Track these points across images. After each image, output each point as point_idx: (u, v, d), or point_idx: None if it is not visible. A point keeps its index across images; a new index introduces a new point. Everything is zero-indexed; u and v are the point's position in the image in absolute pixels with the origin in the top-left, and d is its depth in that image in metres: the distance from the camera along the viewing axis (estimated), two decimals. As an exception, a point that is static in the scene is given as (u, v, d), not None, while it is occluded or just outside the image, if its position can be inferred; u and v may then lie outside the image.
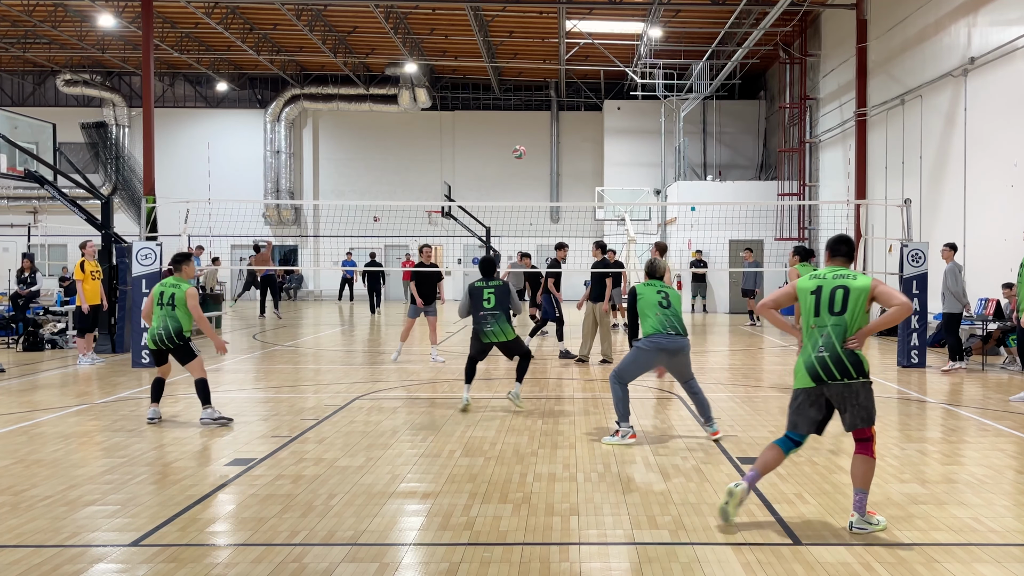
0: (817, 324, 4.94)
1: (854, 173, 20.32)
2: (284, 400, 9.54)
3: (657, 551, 4.58)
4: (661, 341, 7.05)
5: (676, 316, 7.16)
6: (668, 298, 7.20)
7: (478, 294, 8.83)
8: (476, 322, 8.83)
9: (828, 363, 4.82)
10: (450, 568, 4.30)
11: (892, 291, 4.94)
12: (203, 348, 10.43)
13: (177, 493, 5.64)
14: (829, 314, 4.90)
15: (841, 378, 4.80)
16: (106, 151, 18.03)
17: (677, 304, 7.25)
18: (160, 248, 12.52)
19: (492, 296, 8.79)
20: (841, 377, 4.80)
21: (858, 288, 4.90)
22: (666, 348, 7.05)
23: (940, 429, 7.82)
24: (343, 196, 32.92)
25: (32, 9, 24.35)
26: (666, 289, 7.27)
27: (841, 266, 5.14)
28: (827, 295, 4.93)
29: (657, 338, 7.06)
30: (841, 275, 5.00)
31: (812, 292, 5.00)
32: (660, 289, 7.25)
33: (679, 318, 7.18)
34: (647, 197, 29.40)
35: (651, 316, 7.12)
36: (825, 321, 4.90)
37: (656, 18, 22.78)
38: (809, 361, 4.90)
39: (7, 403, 9.28)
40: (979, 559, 4.45)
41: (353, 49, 29.13)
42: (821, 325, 4.92)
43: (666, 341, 7.05)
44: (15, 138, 13.69)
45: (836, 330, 4.86)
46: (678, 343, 7.08)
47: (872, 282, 4.94)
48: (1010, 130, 13.63)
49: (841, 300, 4.89)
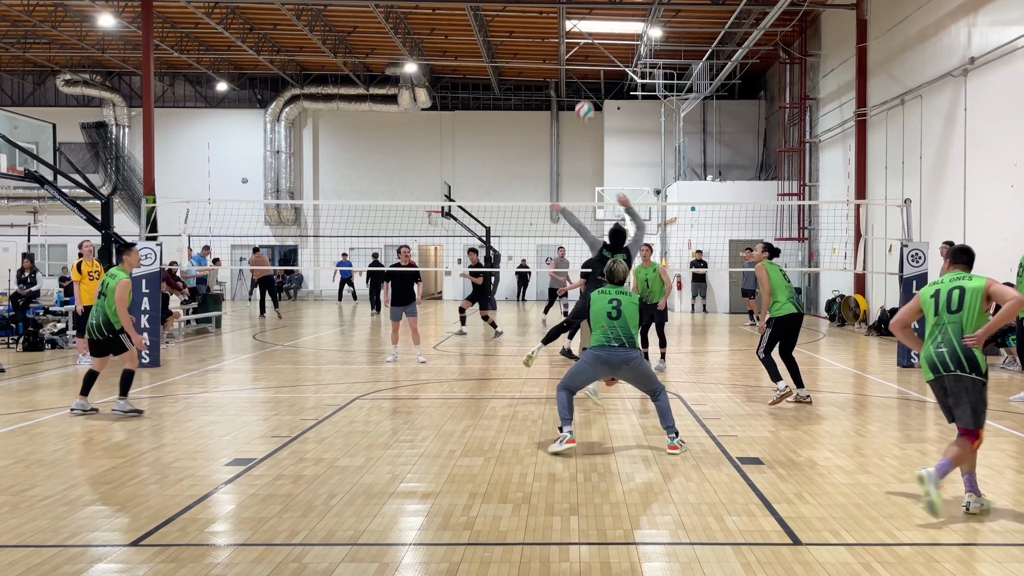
0: (937, 323, 5.38)
1: (854, 173, 20.32)
2: (284, 400, 9.54)
3: (657, 551, 4.58)
4: (601, 354, 6.76)
5: (624, 328, 6.77)
6: (620, 307, 6.81)
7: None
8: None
9: (945, 357, 5.25)
10: (450, 568, 4.30)
11: (1005, 288, 5.32)
12: (204, 348, 10.42)
13: (177, 493, 5.64)
14: (947, 312, 5.34)
15: (955, 369, 5.20)
16: (106, 151, 18.05)
17: (630, 313, 6.83)
18: (160, 248, 12.52)
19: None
20: (955, 369, 5.20)
21: (973, 288, 5.32)
22: (607, 361, 6.76)
23: (940, 429, 7.82)
24: (343, 196, 32.93)
25: (32, 9, 24.35)
26: (620, 296, 6.87)
27: (961, 271, 5.56)
28: (945, 296, 5.40)
29: (598, 351, 6.78)
30: (958, 277, 5.46)
31: (931, 296, 5.48)
32: (613, 298, 6.87)
33: (627, 329, 6.79)
34: (647, 197, 29.40)
35: (596, 328, 6.84)
36: (944, 319, 5.34)
37: (656, 18, 22.78)
38: (929, 355, 5.35)
39: (7, 403, 9.28)
40: (979, 559, 4.45)
41: (353, 49, 29.13)
42: (940, 323, 5.36)
43: (607, 354, 6.74)
44: (15, 138, 13.68)
45: (954, 327, 5.28)
46: (620, 356, 6.73)
47: (987, 281, 5.34)
48: (1010, 130, 13.63)
49: (958, 299, 5.33)
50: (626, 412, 8.71)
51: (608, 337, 6.77)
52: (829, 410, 8.86)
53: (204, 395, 9.86)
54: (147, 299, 12.26)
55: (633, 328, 6.85)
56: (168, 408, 8.99)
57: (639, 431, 7.71)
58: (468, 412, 8.66)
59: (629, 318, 6.82)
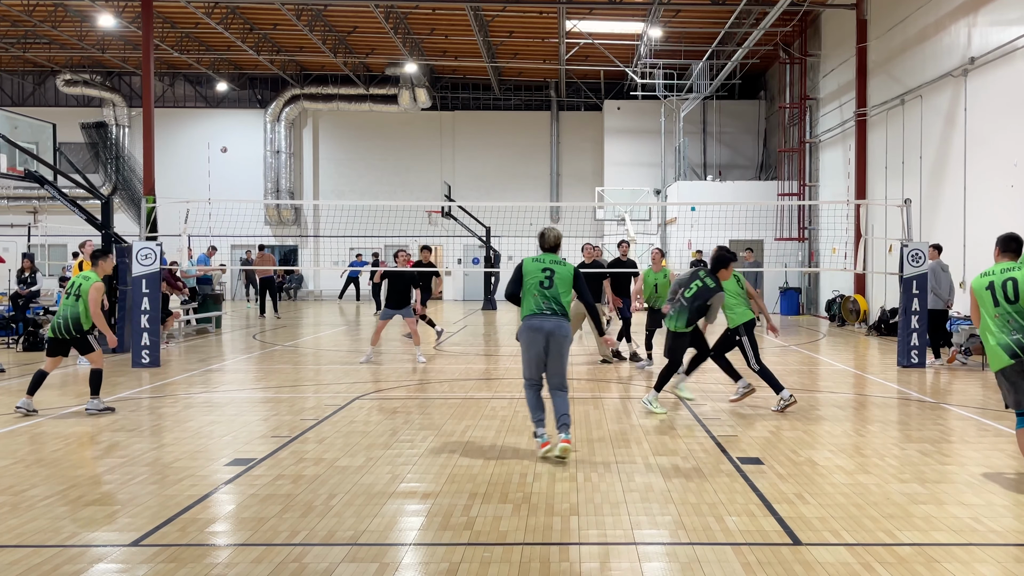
0: (1000, 313, 5.70)
1: (854, 173, 20.32)
2: (284, 400, 9.54)
3: (657, 551, 4.58)
4: (535, 322, 6.61)
5: (555, 298, 6.63)
6: (552, 277, 6.64)
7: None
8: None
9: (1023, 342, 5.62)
10: (450, 568, 4.30)
11: None
12: (204, 348, 10.42)
13: (177, 493, 5.64)
14: (1007, 303, 5.68)
15: None
16: (106, 151, 18.04)
17: (563, 285, 6.65)
18: (160, 248, 12.52)
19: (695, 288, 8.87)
20: None
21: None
22: (540, 327, 6.58)
23: (940, 429, 7.82)
24: (343, 196, 32.93)
25: (32, 9, 24.35)
26: (554, 266, 6.68)
27: (1010, 261, 5.87)
28: (1000, 287, 5.73)
29: (531, 319, 6.64)
30: (1008, 268, 5.78)
31: (987, 288, 5.80)
32: (546, 267, 6.67)
33: (558, 299, 6.64)
34: (647, 197, 29.41)
35: (528, 297, 6.67)
36: (1006, 309, 5.68)
37: (656, 18, 22.78)
38: (1006, 343, 5.64)
39: (7, 403, 9.27)
40: (979, 559, 4.45)
41: (353, 49, 29.13)
42: (1005, 313, 5.68)
43: (539, 321, 6.59)
44: (15, 138, 13.68)
45: (1021, 314, 5.63)
46: (553, 321, 6.58)
47: None
48: (1010, 130, 13.62)
49: (1012, 290, 5.68)
50: (626, 413, 8.71)
51: (540, 306, 6.62)
52: (829, 410, 8.86)
53: (204, 395, 9.86)
54: (147, 299, 12.25)
55: (565, 298, 6.70)
56: (168, 408, 8.99)
57: (639, 432, 7.71)
58: (468, 412, 8.66)
59: (562, 288, 6.67)
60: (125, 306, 13.60)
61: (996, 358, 5.69)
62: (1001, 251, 5.96)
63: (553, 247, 6.83)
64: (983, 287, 5.82)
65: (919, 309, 12.29)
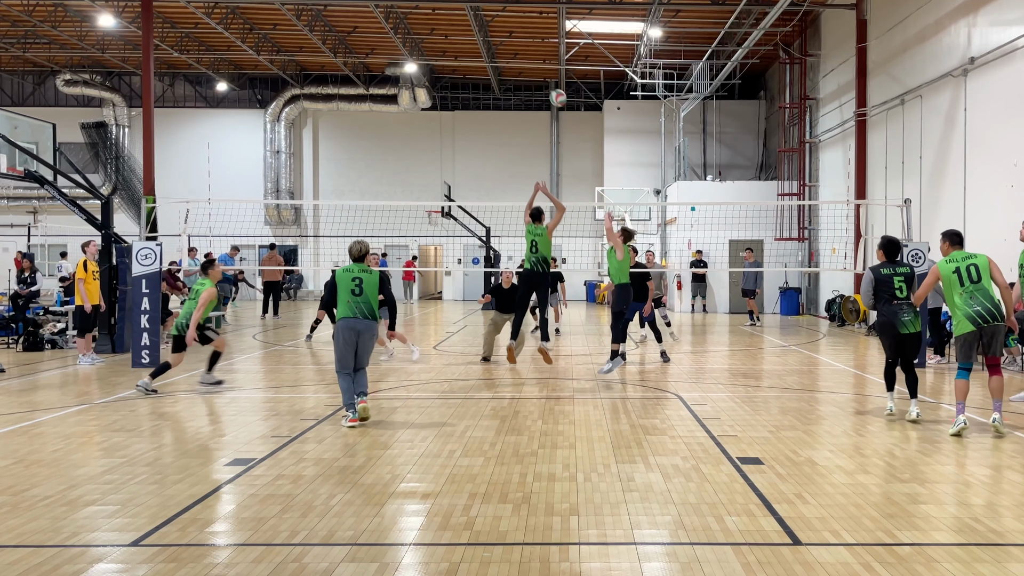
0: (965, 290, 7.52)
1: (854, 173, 20.32)
2: (284, 400, 9.54)
3: (657, 551, 4.58)
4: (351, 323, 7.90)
5: (367, 303, 7.93)
6: (361, 285, 7.92)
7: (887, 281, 8.05)
8: (884, 314, 8.04)
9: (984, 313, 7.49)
10: (450, 568, 4.30)
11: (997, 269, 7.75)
12: (204, 348, 10.43)
13: (177, 493, 5.64)
14: (971, 283, 7.52)
15: (992, 321, 7.50)
16: (106, 151, 18.04)
17: (370, 291, 7.95)
18: (160, 248, 12.51)
19: (903, 284, 8.05)
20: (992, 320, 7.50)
21: (983, 263, 7.61)
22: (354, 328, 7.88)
23: (940, 429, 7.81)
24: (343, 196, 32.93)
25: (32, 9, 24.36)
26: (362, 275, 7.96)
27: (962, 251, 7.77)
28: (965, 270, 7.55)
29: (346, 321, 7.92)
30: (967, 256, 7.67)
31: (954, 272, 7.57)
32: (355, 276, 7.97)
33: (369, 304, 7.95)
34: (647, 197, 29.41)
35: (342, 303, 7.95)
36: (970, 288, 7.51)
37: (656, 18, 22.78)
38: (969, 314, 7.50)
39: (7, 403, 9.28)
40: (979, 559, 4.45)
41: (353, 49, 29.13)
42: (968, 291, 7.51)
43: (355, 323, 7.89)
44: (15, 138, 13.68)
45: (982, 292, 7.51)
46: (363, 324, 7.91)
47: (986, 258, 7.66)
48: (1010, 130, 13.62)
49: (976, 273, 7.55)
50: (626, 413, 8.71)
51: (353, 311, 7.90)
52: (829, 410, 8.86)
53: (204, 395, 9.86)
54: (147, 299, 12.25)
55: (374, 302, 8.02)
56: (168, 408, 8.99)
57: (639, 432, 7.71)
58: (468, 412, 8.66)
59: (371, 294, 7.95)
60: (125, 306, 13.60)
61: (961, 325, 7.53)
62: (951, 244, 7.82)
63: (361, 258, 8.15)
64: (950, 271, 7.58)
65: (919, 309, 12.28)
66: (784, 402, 9.30)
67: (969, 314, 7.48)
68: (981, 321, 7.45)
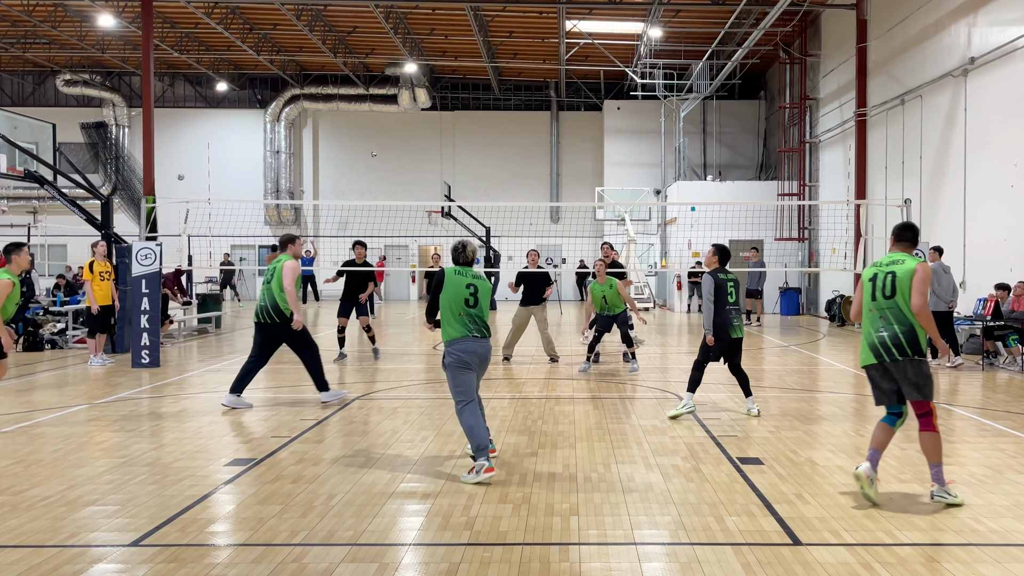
0: (874, 307, 5.50)
1: (854, 173, 20.32)
2: (284, 400, 9.54)
3: (657, 551, 4.58)
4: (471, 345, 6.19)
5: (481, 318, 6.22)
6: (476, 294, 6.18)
7: (723, 287, 8.27)
8: (720, 317, 8.22)
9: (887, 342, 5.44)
10: (450, 568, 4.30)
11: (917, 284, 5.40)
12: (204, 348, 10.42)
13: (177, 493, 5.64)
14: (883, 298, 5.45)
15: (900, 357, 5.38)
16: (106, 151, 18.03)
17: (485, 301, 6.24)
18: (160, 248, 12.50)
19: (734, 290, 8.33)
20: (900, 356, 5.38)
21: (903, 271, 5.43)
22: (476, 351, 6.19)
23: (940, 429, 7.80)
24: (343, 196, 32.94)
25: (32, 9, 24.35)
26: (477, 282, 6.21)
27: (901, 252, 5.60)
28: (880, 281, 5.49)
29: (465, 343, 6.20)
30: (893, 260, 5.52)
31: (869, 279, 5.57)
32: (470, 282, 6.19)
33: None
34: (647, 197, 29.40)
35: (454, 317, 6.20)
36: (881, 304, 5.45)
37: (656, 18, 22.78)
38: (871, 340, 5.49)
39: (7, 403, 9.28)
40: (979, 559, 4.45)
41: (353, 49, 29.13)
42: (877, 308, 5.47)
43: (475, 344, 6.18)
44: (15, 138, 13.69)
45: (892, 311, 5.42)
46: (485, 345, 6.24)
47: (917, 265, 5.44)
48: (1010, 130, 13.63)
49: (890, 285, 5.42)
50: (626, 413, 8.71)
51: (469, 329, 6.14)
52: (829, 410, 8.86)
53: (204, 395, 9.86)
54: (147, 299, 12.24)
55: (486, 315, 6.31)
56: (168, 408, 8.99)
57: (639, 432, 7.71)
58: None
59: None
60: (125, 306, 13.59)
61: (863, 354, 5.54)
62: (896, 240, 5.68)
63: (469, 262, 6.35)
64: (867, 278, 5.60)
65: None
66: (784, 402, 9.30)
67: (872, 341, 5.46)
68: (885, 354, 5.39)
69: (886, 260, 5.54)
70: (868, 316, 5.52)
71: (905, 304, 5.33)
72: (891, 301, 5.38)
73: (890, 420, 5.54)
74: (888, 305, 5.39)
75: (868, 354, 5.47)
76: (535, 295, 12.80)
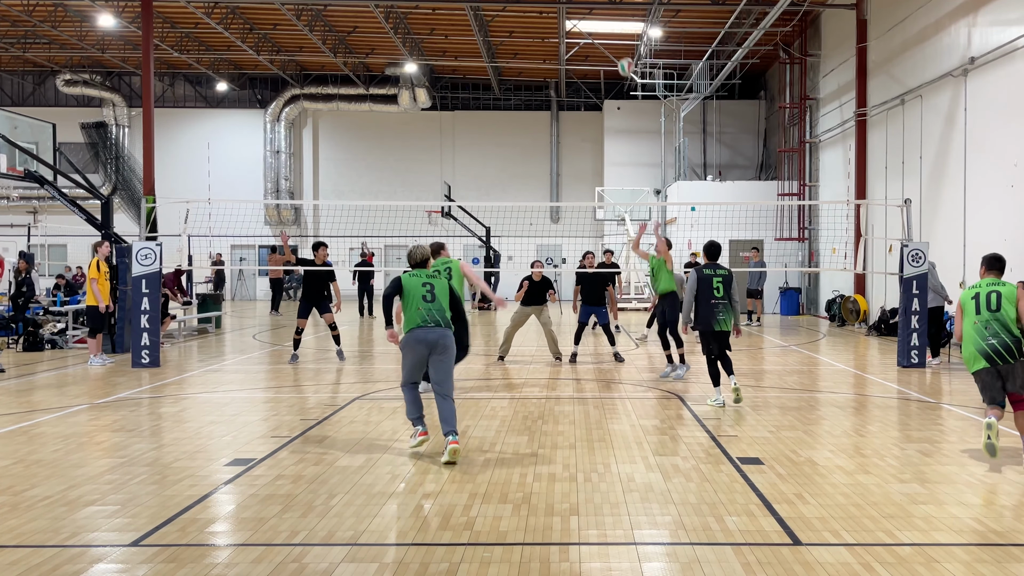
0: (980, 319, 6.55)
1: (854, 173, 20.31)
2: (284, 400, 9.54)
3: (657, 551, 4.58)
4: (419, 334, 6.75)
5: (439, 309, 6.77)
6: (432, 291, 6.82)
7: (707, 281, 8.70)
8: (705, 311, 8.74)
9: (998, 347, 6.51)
10: (450, 568, 4.30)
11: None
12: (204, 348, 10.42)
13: (177, 493, 5.64)
14: (988, 311, 6.55)
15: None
16: (106, 151, 18.04)
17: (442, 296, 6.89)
18: (160, 248, 12.49)
19: (721, 285, 8.76)
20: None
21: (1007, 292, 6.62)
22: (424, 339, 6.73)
23: (940, 429, 7.81)
24: (343, 196, 32.93)
25: (32, 9, 24.35)
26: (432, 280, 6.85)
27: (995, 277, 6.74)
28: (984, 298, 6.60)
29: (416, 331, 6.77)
30: (993, 283, 6.68)
31: (972, 298, 6.66)
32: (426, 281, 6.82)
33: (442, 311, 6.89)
34: (647, 197, 29.40)
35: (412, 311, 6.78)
36: (986, 315, 6.54)
37: (656, 18, 22.77)
38: (982, 348, 6.52)
39: (7, 403, 9.28)
40: (979, 559, 4.45)
41: (353, 49, 29.13)
42: (984, 320, 6.53)
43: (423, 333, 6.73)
44: (15, 138, 13.68)
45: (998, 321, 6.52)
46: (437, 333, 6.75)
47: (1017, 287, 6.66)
48: (1010, 130, 13.62)
49: (996, 301, 6.56)
50: (626, 413, 8.71)
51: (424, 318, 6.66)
52: (829, 410, 8.86)
53: (204, 395, 9.86)
54: (147, 299, 12.23)
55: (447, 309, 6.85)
56: (168, 408, 8.99)
57: (639, 431, 7.71)
58: (468, 412, 8.66)
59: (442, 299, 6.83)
60: (125, 306, 13.59)
61: (974, 361, 6.56)
62: (987, 269, 6.83)
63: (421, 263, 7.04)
64: (969, 298, 6.69)
65: (919, 309, 12.29)
66: (784, 402, 9.30)
67: (982, 348, 6.51)
68: (997, 358, 6.47)
69: (985, 283, 6.71)
70: (974, 328, 6.58)
71: (1010, 317, 6.51)
72: (997, 313, 6.52)
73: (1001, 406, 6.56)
74: (993, 317, 6.52)
75: (979, 360, 6.52)
76: (540, 296, 12.90)
